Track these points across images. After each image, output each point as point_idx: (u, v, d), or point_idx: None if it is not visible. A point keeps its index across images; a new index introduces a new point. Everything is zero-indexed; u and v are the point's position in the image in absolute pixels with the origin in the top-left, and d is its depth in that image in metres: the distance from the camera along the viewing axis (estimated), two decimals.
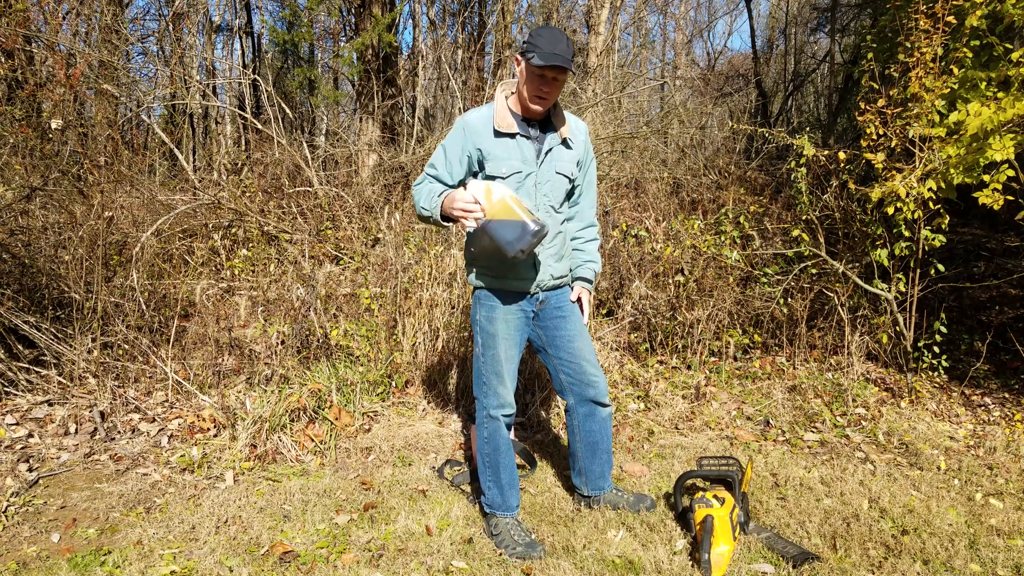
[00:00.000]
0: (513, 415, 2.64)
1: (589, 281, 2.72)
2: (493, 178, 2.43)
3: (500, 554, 2.53)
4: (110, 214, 4.48)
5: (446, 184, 2.50)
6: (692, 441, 3.72)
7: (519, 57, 2.41)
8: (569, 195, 2.64)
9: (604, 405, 2.71)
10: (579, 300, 2.71)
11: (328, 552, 2.54)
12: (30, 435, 3.42)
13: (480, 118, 2.47)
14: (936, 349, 4.26)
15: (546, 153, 2.50)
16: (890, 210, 4.05)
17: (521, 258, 2.32)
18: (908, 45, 4.06)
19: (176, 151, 7.06)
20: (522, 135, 2.47)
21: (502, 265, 2.49)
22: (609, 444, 2.79)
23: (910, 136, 4.00)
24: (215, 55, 13.60)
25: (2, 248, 4.18)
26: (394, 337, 4.22)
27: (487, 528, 2.67)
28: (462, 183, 2.47)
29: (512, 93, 2.52)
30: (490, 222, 2.31)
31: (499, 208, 2.30)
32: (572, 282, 2.71)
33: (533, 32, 2.39)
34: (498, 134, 2.45)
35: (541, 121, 2.53)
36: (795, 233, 4.57)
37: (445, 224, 2.48)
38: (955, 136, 3.95)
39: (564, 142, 2.54)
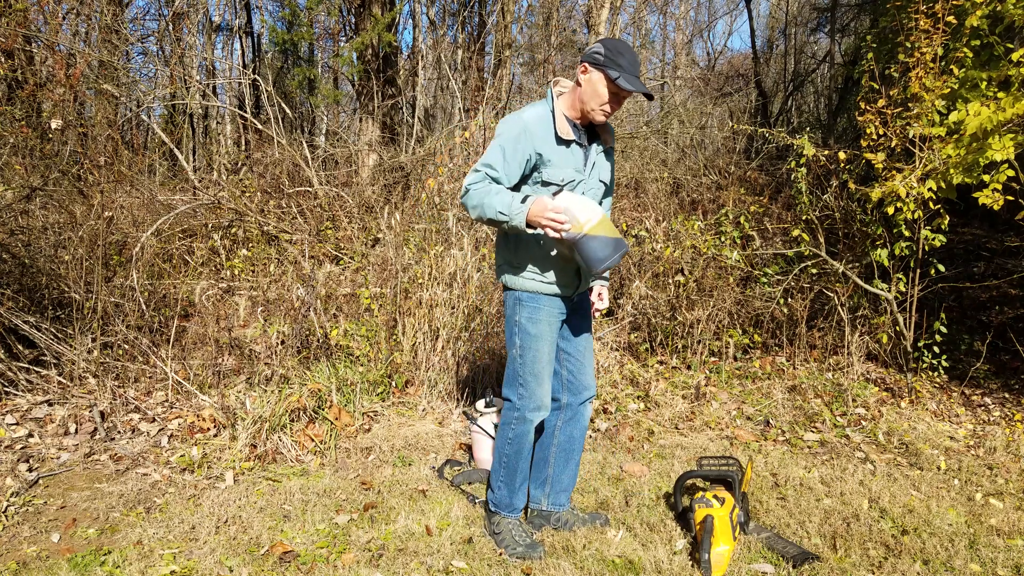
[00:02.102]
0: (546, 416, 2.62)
1: (607, 279, 2.76)
2: (547, 184, 2.39)
3: (500, 553, 2.53)
4: (110, 214, 4.48)
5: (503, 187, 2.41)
6: (692, 441, 3.72)
7: (589, 66, 2.36)
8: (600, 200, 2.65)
9: (587, 408, 2.74)
10: (599, 297, 2.71)
11: (328, 552, 2.54)
12: (30, 435, 3.42)
13: (539, 121, 2.39)
14: (936, 349, 4.26)
15: (592, 162, 2.50)
16: (890, 210, 4.05)
17: (598, 273, 2.35)
18: (908, 45, 4.06)
19: (176, 151, 7.06)
20: (577, 143, 2.45)
21: (558, 271, 2.46)
22: (579, 458, 2.77)
23: (910, 136, 4.00)
24: (215, 55, 13.60)
25: (2, 248, 4.18)
26: (394, 337, 4.22)
27: (488, 526, 2.66)
28: (516, 187, 2.42)
29: (562, 94, 2.47)
30: (585, 237, 2.27)
31: (598, 224, 2.28)
32: (592, 282, 2.71)
33: (610, 46, 2.35)
34: (559, 140, 2.40)
35: (588, 127, 2.52)
36: (795, 233, 4.58)
37: (527, 231, 2.31)
38: (955, 136, 3.95)
39: (607, 151, 2.57)
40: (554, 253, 2.43)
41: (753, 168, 7.79)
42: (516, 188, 2.42)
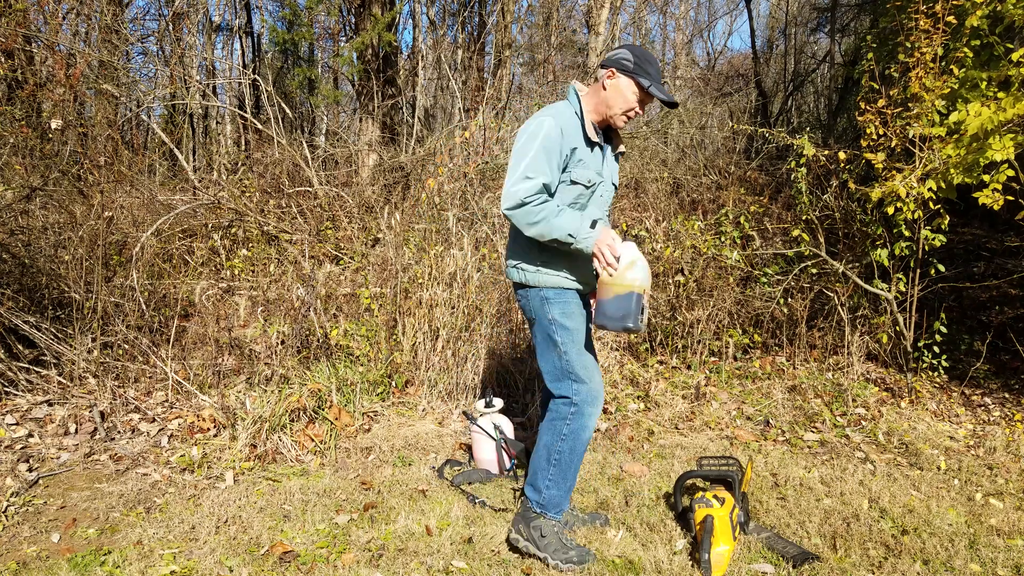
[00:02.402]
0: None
1: None
2: (575, 184, 2.38)
3: (546, 561, 2.41)
4: (110, 214, 4.48)
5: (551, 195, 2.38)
6: (692, 441, 3.72)
7: (617, 72, 2.37)
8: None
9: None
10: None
11: (328, 552, 2.54)
12: (30, 435, 3.42)
13: (570, 120, 2.38)
14: (936, 349, 4.26)
15: (607, 165, 2.53)
16: (890, 210, 4.05)
17: (597, 324, 2.36)
18: (908, 45, 4.06)
19: (176, 151, 7.06)
20: (599, 145, 2.46)
21: (582, 268, 2.46)
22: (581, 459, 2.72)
23: (910, 136, 4.00)
24: (215, 55, 13.60)
25: (2, 248, 4.18)
26: (394, 337, 4.22)
27: (526, 530, 2.47)
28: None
29: (584, 95, 2.47)
30: (630, 295, 2.30)
31: (638, 288, 2.30)
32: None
33: (638, 54, 2.37)
34: (587, 141, 2.41)
35: (605, 131, 2.54)
36: (795, 233, 4.58)
37: (585, 253, 2.31)
38: (955, 136, 3.95)
39: (617, 156, 2.59)
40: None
41: (753, 168, 7.79)
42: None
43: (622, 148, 2.62)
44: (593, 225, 2.31)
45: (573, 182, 2.39)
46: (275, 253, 5.81)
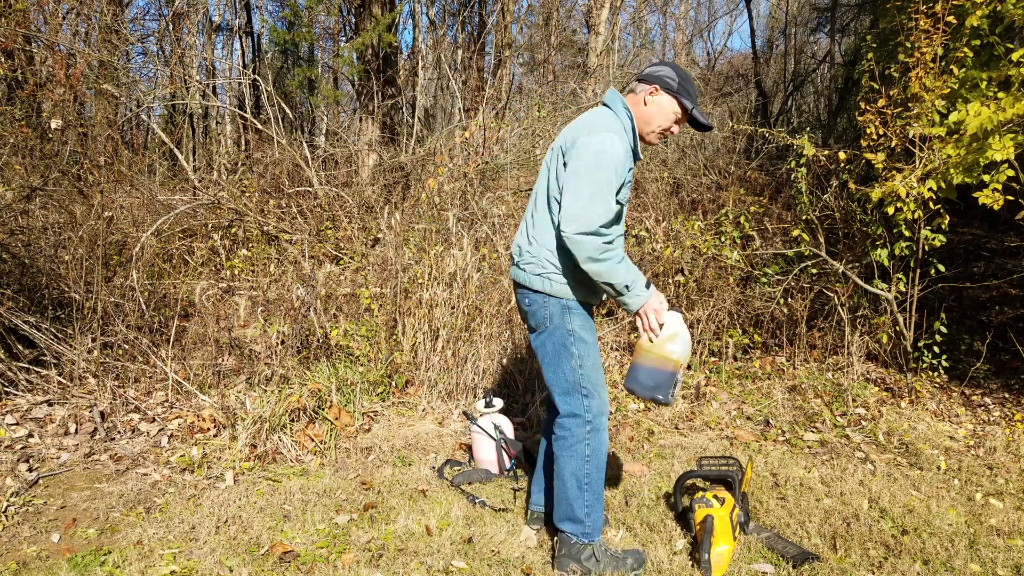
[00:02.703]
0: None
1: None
2: (619, 204, 2.32)
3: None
4: (110, 214, 4.48)
5: None
6: (692, 441, 3.72)
7: (660, 89, 2.34)
8: None
9: None
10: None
11: (328, 552, 2.54)
12: (30, 435, 3.42)
13: (625, 140, 2.31)
14: (936, 349, 4.25)
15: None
16: (890, 210, 4.05)
17: (660, 402, 2.36)
18: (908, 45, 4.06)
19: (176, 151, 7.06)
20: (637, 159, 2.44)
21: (594, 285, 2.42)
22: None
23: (910, 136, 4.00)
24: (215, 55, 13.60)
25: (2, 248, 4.18)
26: (394, 337, 4.22)
27: (581, 568, 2.36)
28: None
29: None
30: (671, 370, 2.32)
31: (677, 363, 2.33)
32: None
33: (681, 73, 2.36)
34: (635, 157, 2.39)
35: None
36: (795, 233, 4.58)
37: (629, 308, 2.32)
38: (955, 136, 3.95)
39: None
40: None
41: (753, 168, 7.78)
42: None
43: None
44: (648, 285, 2.30)
45: (617, 201, 2.31)
46: (275, 253, 5.81)
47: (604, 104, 2.42)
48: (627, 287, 2.26)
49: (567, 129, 2.40)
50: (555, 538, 2.50)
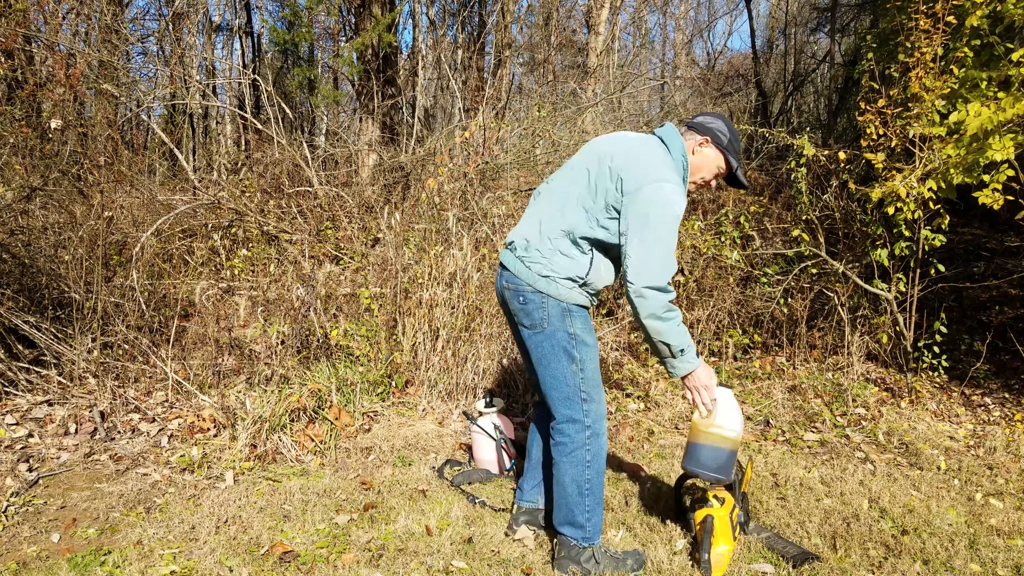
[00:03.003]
0: None
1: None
2: None
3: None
4: (110, 214, 4.48)
5: None
6: None
7: (711, 142, 2.36)
8: None
9: None
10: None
11: (328, 552, 2.54)
12: (30, 435, 3.42)
13: (683, 191, 2.28)
14: (936, 349, 4.25)
15: None
16: (890, 210, 4.05)
17: (722, 481, 2.38)
18: (908, 45, 4.06)
19: (176, 151, 7.06)
20: None
21: (598, 292, 2.42)
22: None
23: (910, 136, 4.00)
24: (215, 55, 13.60)
25: (2, 248, 4.18)
26: (394, 337, 4.22)
27: (581, 570, 2.36)
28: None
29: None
30: (727, 448, 2.35)
31: (734, 441, 2.36)
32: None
33: (733, 131, 2.37)
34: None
35: None
36: (795, 233, 4.58)
37: (674, 374, 2.32)
38: (955, 136, 3.95)
39: None
40: (610, 281, 2.39)
41: (753, 168, 7.78)
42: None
43: None
44: (697, 354, 2.31)
45: None
46: (275, 253, 5.81)
47: (659, 138, 2.37)
48: (682, 351, 2.24)
49: (624, 151, 2.28)
50: (555, 540, 2.49)
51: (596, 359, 2.39)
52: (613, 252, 2.35)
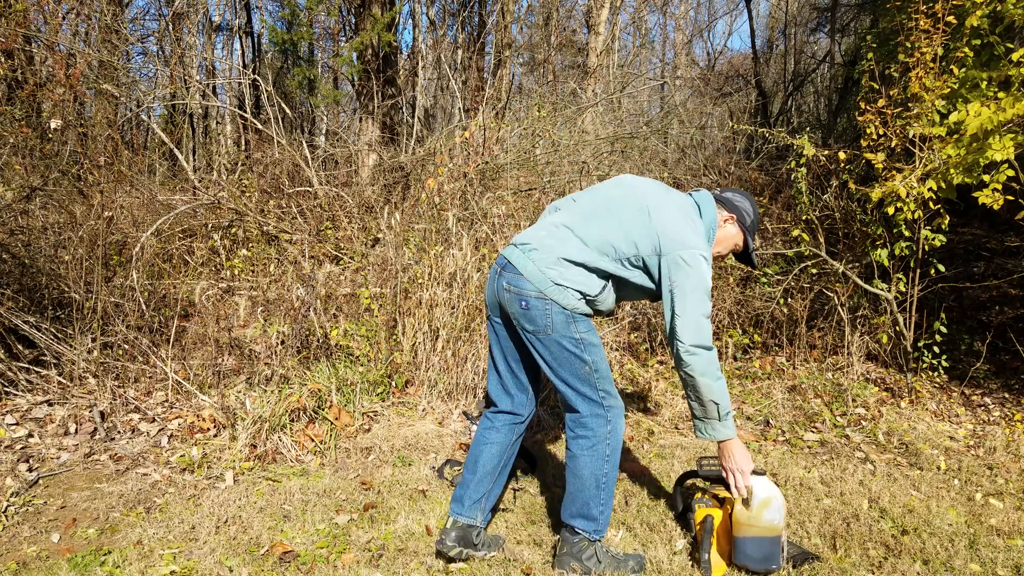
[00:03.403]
0: None
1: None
2: None
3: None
4: (110, 214, 4.48)
5: None
6: (692, 441, 3.72)
7: (736, 221, 2.50)
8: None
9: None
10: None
11: (328, 552, 2.54)
12: (30, 435, 3.42)
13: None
14: (936, 349, 4.26)
15: None
16: (890, 210, 4.05)
17: (773, 571, 2.36)
18: (908, 45, 4.06)
19: (176, 151, 7.06)
20: None
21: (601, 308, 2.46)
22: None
23: (910, 136, 4.00)
24: (215, 55, 13.60)
25: (2, 248, 4.18)
26: (394, 337, 4.22)
27: (582, 567, 2.37)
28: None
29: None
30: (772, 538, 2.34)
31: (778, 530, 2.35)
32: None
33: (756, 211, 2.53)
34: None
35: None
36: (795, 233, 4.58)
37: (715, 438, 2.38)
38: (955, 136, 3.95)
39: None
40: (612, 307, 2.46)
41: (753, 168, 7.79)
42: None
43: None
44: (734, 422, 2.39)
45: None
46: (275, 253, 5.81)
47: (695, 202, 2.46)
48: (723, 411, 2.30)
49: (669, 213, 2.33)
50: (558, 536, 2.50)
51: (605, 357, 2.42)
52: (624, 291, 2.44)
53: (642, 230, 2.30)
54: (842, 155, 4.33)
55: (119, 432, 3.53)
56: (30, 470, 3.12)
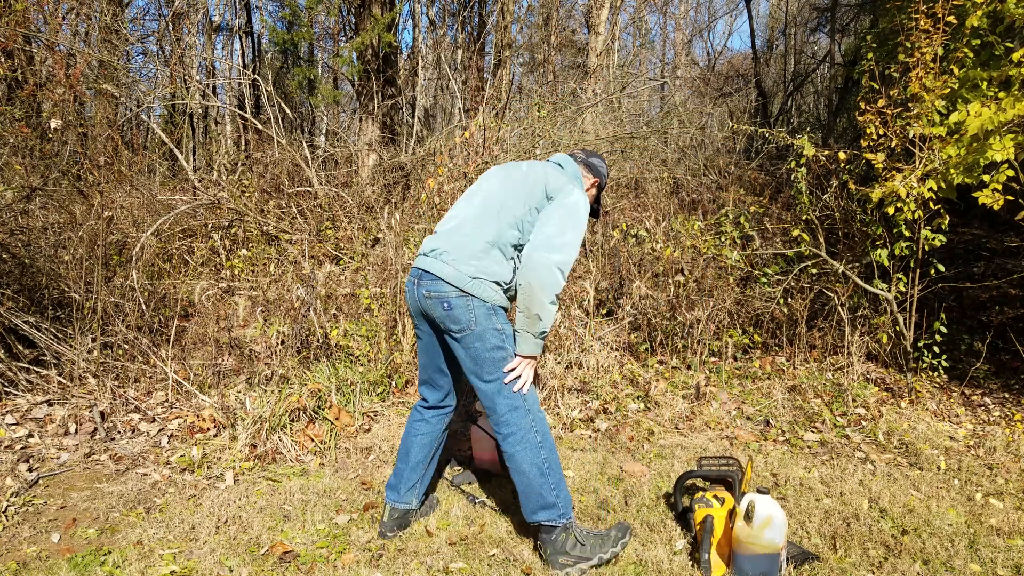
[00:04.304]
0: None
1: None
2: None
3: (600, 561, 2.41)
4: (110, 214, 4.49)
5: None
6: (692, 441, 3.72)
7: (594, 179, 2.79)
8: None
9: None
10: None
11: (328, 552, 2.54)
12: (30, 435, 3.42)
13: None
14: (936, 349, 4.26)
15: None
16: (890, 210, 4.05)
17: None
18: (908, 45, 4.06)
19: (176, 151, 7.06)
20: None
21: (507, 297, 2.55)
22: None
23: (910, 136, 4.00)
24: (215, 55, 13.60)
25: (2, 248, 4.18)
26: (394, 337, 4.22)
27: (570, 559, 2.40)
28: None
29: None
30: (773, 554, 2.33)
31: (777, 548, 2.34)
32: None
33: (607, 170, 2.80)
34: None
35: None
36: (795, 233, 4.58)
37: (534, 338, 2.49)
38: (955, 136, 3.95)
39: None
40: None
41: (753, 168, 7.79)
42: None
43: None
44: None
45: None
46: (275, 253, 5.81)
47: (558, 163, 2.72)
48: (542, 334, 2.44)
49: (549, 173, 2.55)
50: (536, 541, 2.52)
51: None
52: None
53: (535, 188, 2.49)
54: (842, 155, 4.33)
55: (119, 432, 3.53)
56: (30, 470, 3.12)
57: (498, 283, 2.45)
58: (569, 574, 2.40)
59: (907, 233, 4.15)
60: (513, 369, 2.44)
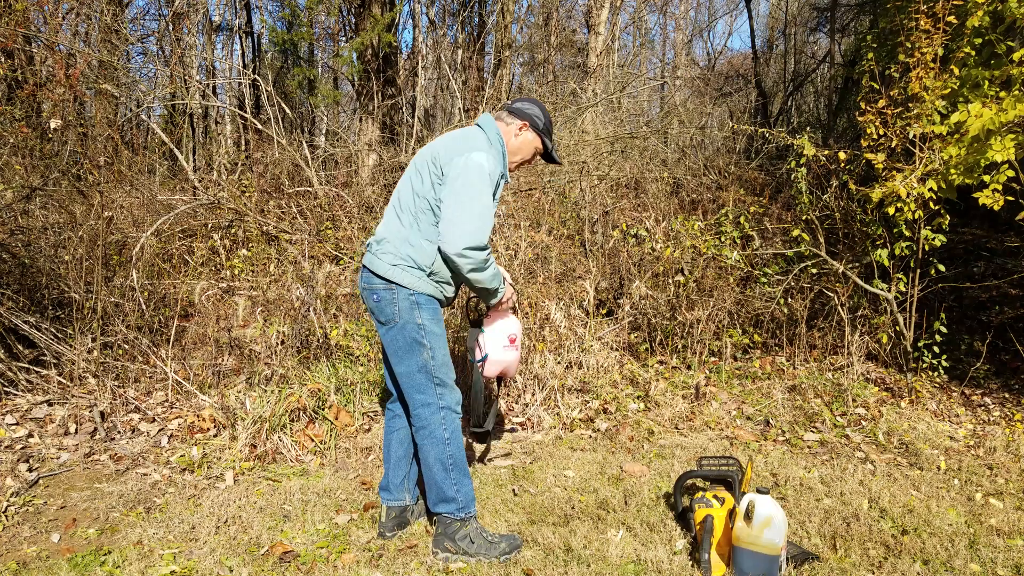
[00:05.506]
0: None
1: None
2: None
3: (480, 562, 2.45)
4: (110, 214, 4.49)
5: None
6: (692, 441, 3.72)
7: (529, 126, 2.63)
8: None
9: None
10: None
11: (328, 552, 2.54)
12: (30, 435, 3.42)
13: (497, 161, 2.55)
14: (936, 349, 4.25)
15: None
16: (890, 210, 4.05)
17: None
18: (908, 45, 4.06)
19: (176, 151, 7.05)
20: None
21: (454, 284, 2.57)
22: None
23: (910, 136, 4.00)
24: (215, 55, 13.60)
25: (2, 248, 4.18)
26: None
27: (455, 547, 2.48)
28: None
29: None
30: (775, 556, 2.32)
31: (777, 549, 2.33)
32: None
33: (546, 113, 2.67)
34: (503, 177, 2.62)
35: None
36: (795, 233, 4.58)
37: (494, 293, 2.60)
38: (956, 136, 3.95)
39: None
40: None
41: (753, 168, 7.79)
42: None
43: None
44: (502, 281, 2.64)
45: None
46: (275, 253, 5.81)
47: (478, 126, 2.63)
48: (497, 289, 2.55)
49: (443, 141, 2.55)
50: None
51: (446, 346, 2.56)
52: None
53: (434, 165, 2.49)
54: (842, 155, 4.33)
55: (119, 432, 3.53)
56: (30, 470, 3.12)
57: (419, 267, 2.47)
58: (443, 561, 2.47)
59: (907, 233, 4.15)
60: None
